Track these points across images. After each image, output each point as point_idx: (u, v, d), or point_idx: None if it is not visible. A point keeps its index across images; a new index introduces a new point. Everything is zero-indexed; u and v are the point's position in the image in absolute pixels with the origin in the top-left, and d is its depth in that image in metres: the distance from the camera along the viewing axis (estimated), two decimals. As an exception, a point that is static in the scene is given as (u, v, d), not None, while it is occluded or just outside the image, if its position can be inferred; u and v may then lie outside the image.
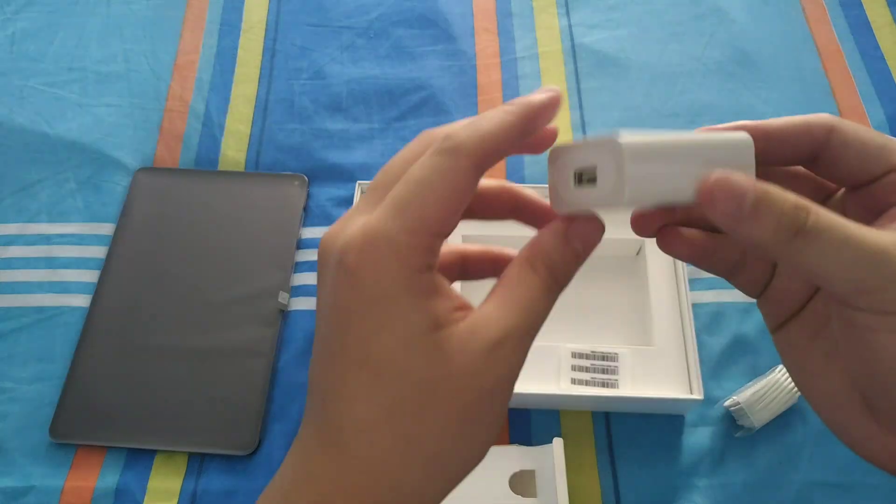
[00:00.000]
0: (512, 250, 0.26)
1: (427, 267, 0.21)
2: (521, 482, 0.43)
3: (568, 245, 0.23)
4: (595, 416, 0.48)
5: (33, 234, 0.55)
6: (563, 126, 0.61)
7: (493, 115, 0.23)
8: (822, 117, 0.24)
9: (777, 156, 0.24)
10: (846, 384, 0.23)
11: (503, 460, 0.43)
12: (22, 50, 0.64)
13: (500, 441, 0.46)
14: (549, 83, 0.63)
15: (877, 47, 0.65)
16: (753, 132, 0.23)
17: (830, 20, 0.67)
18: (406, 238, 0.21)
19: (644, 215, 0.26)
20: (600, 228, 0.24)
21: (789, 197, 0.20)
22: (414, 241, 0.21)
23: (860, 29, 0.66)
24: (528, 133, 0.23)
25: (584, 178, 0.23)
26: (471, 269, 0.28)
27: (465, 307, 0.23)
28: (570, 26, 0.66)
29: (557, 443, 0.42)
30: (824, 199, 0.26)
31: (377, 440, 0.21)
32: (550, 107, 0.23)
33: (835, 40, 0.65)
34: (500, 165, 0.58)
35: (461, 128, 0.22)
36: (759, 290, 0.27)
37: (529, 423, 0.47)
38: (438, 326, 0.21)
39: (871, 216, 0.24)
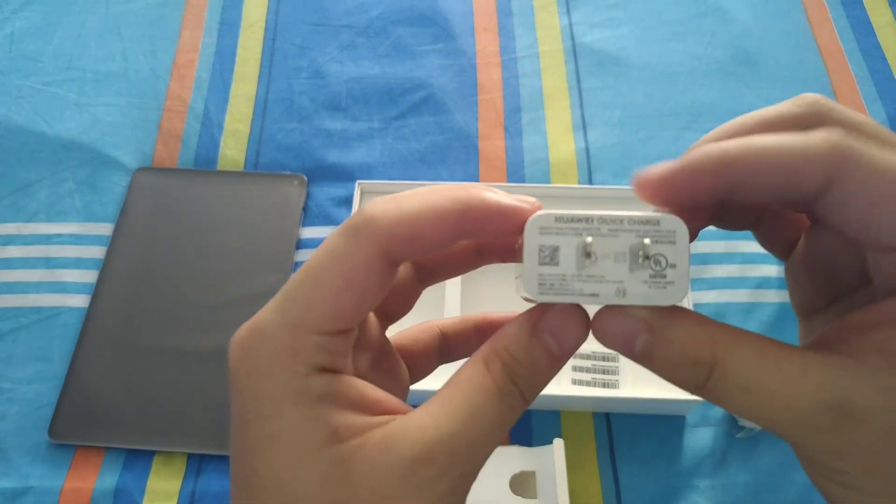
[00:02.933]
0: (507, 314, 0.22)
1: (319, 369, 0.18)
2: (522, 483, 0.42)
3: (536, 339, 0.18)
4: (596, 416, 0.48)
5: (31, 234, 0.55)
6: (565, 126, 0.60)
7: (425, 194, 0.18)
8: (824, 160, 0.16)
9: (747, 195, 0.18)
10: None
11: (503, 461, 0.43)
12: (20, 49, 0.64)
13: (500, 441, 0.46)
14: (550, 82, 0.63)
15: (878, 46, 0.65)
16: (710, 162, 0.17)
17: (832, 19, 0.67)
18: (287, 337, 0.17)
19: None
20: (583, 323, 0.19)
21: (689, 349, 0.17)
22: (297, 341, 0.17)
23: (861, 28, 0.66)
24: (469, 233, 0.18)
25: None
26: (453, 348, 0.24)
27: (394, 411, 0.18)
28: (570, 25, 0.66)
29: (558, 443, 0.41)
30: None
31: None
32: (510, 215, 0.18)
33: (836, 40, 0.65)
34: (500, 165, 0.58)
35: (380, 202, 0.18)
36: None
37: (530, 424, 0.47)
38: (339, 439, 0.17)
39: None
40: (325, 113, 0.61)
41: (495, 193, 0.19)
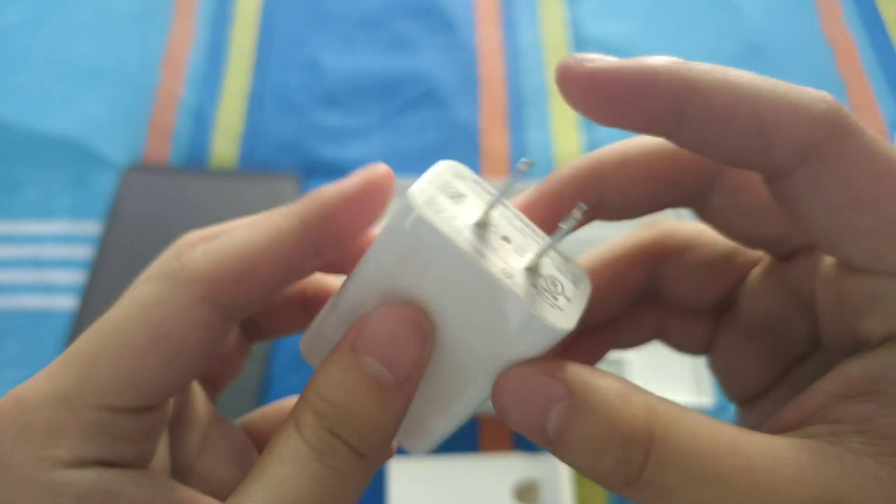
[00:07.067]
0: None
1: (87, 461, 0.13)
2: (526, 492, 0.41)
3: (353, 368, 0.13)
4: (602, 422, 0.46)
5: (20, 234, 0.54)
6: (571, 121, 0.59)
7: (253, 219, 0.15)
8: (815, 122, 0.13)
9: (698, 136, 0.15)
10: None
11: (505, 468, 0.41)
12: (8, 44, 0.63)
13: (502, 448, 0.45)
14: (555, 77, 0.62)
15: (889, 43, 0.64)
16: (670, 79, 0.15)
17: (842, 14, 0.66)
18: (51, 411, 0.13)
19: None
20: (415, 328, 0.14)
21: (619, 420, 0.13)
22: (63, 417, 0.13)
23: (873, 25, 0.65)
24: (326, 244, 0.15)
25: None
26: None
27: None
28: (576, 18, 0.65)
29: (563, 451, 0.40)
30: None
31: None
32: (362, 196, 0.15)
33: (848, 35, 0.64)
34: (502, 161, 0.57)
35: (195, 234, 0.15)
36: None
37: (534, 430, 0.46)
38: None
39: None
40: (321, 108, 0.60)
41: (336, 184, 0.15)
